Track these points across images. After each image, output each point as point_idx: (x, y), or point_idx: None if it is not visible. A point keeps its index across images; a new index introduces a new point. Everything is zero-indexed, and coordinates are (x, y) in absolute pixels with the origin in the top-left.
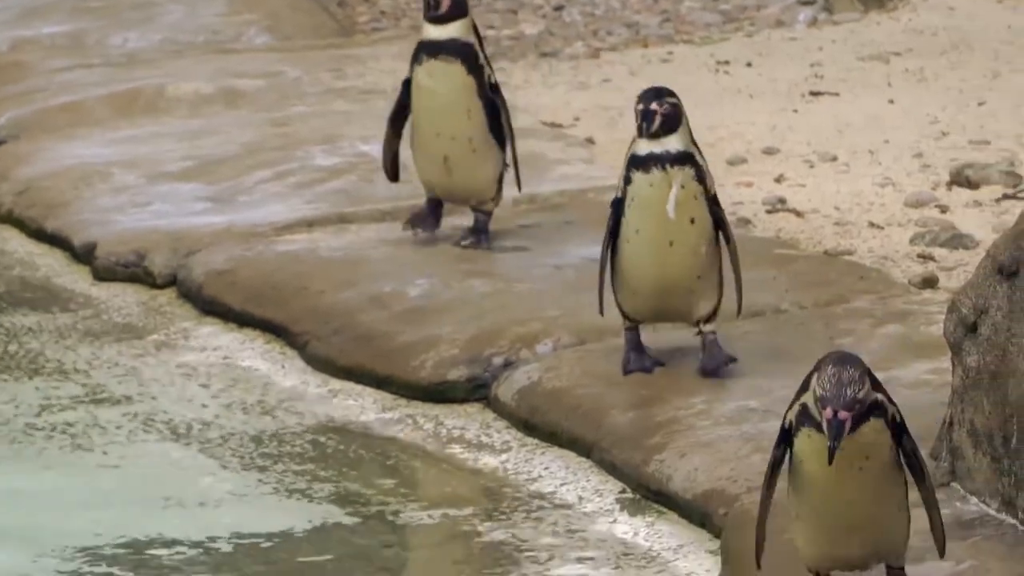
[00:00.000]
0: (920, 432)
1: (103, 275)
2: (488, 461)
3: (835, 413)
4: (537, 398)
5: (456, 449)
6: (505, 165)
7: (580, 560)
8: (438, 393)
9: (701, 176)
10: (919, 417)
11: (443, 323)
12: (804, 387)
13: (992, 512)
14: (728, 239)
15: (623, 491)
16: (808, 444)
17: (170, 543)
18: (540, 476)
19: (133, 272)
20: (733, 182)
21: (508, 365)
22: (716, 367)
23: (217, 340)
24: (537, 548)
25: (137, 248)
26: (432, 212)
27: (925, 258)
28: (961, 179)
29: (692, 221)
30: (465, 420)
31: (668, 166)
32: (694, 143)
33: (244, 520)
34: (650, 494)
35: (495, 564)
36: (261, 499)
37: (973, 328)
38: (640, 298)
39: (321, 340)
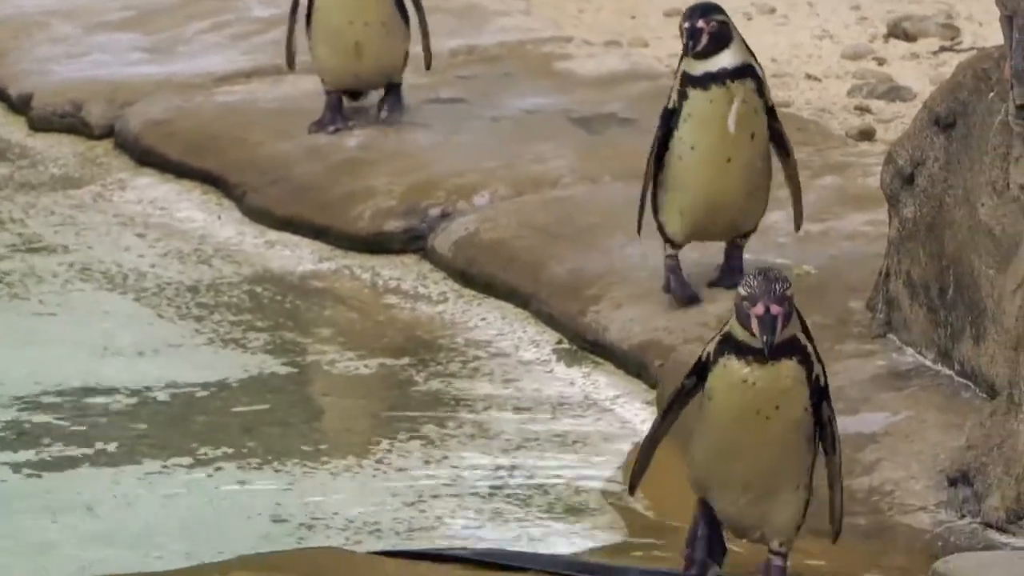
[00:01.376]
0: (857, 284)
1: (39, 126)
2: (425, 311)
3: (766, 308)
4: (474, 249)
5: (393, 300)
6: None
7: (516, 410)
8: (375, 244)
9: (761, 89)
10: (856, 269)
11: (380, 174)
12: (726, 323)
13: (928, 363)
14: (788, 153)
15: (560, 342)
16: (723, 375)
17: (107, 391)
18: (477, 327)
19: (70, 123)
20: (670, 34)
21: (445, 216)
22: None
23: (154, 191)
24: (473, 398)
25: (74, 99)
26: (336, 109)
27: (862, 110)
28: (898, 31)
29: (752, 136)
30: (402, 271)
31: (728, 81)
32: (751, 53)
33: (180, 370)
34: (587, 345)
35: (432, 413)
36: (197, 349)
37: (910, 180)
38: (687, 218)
39: (258, 191)
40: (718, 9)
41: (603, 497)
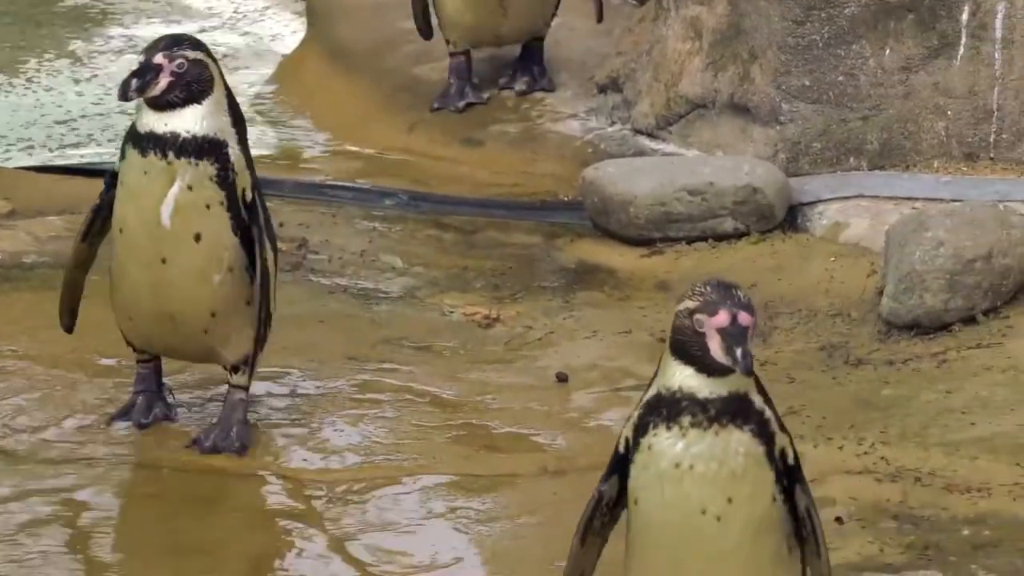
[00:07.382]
0: None
1: None
2: None
3: (733, 317)
4: None
5: None
6: None
7: (167, 23)
8: None
9: (227, 178)
10: None
11: None
12: (649, 384)
13: None
14: (256, 269)
15: None
16: (647, 461)
17: None
18: None
19: None
20: None
21: None
22: (216, 446)
23: None
24: (121, 12)
25: None
26: (467, 77)
27: None
28: None
29: (197, 239)
30: None
31: (172, 155)
32: (236, 123)
33: None
34: None
35: (80, 29)
36: None
37: None
38: (139, 324)
39: None
40: (197, 44)
41: (252, 104)
